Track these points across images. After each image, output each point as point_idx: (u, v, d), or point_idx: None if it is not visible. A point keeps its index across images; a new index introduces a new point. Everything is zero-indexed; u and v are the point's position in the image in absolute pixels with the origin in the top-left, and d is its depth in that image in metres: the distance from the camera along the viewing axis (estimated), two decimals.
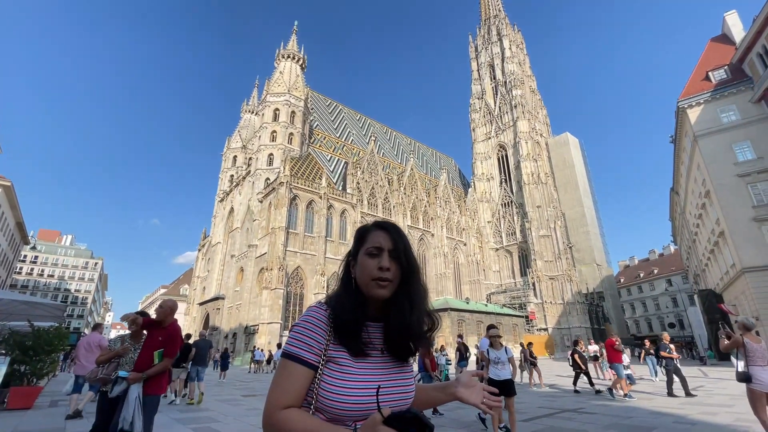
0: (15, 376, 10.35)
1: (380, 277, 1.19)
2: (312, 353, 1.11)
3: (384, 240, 1.25)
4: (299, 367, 1.10)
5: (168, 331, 4.45)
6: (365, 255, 1.24)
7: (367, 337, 1.19)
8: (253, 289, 45.62)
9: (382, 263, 1.20)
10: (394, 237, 1.27)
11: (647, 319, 77.02)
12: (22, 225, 49.83)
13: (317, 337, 1.14)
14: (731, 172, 28.10)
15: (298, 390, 1.08)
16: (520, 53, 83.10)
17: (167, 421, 8.19)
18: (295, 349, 1.12)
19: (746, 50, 29.37)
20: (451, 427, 7.72)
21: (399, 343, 1.21)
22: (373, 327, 1.23)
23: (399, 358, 1.23)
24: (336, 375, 1.11)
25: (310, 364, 1.10)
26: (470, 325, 50.38)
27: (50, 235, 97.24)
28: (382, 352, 1.20)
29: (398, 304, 1.23)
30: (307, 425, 1.02)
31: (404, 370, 1.24)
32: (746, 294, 26.48)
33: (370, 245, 1.25)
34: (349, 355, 1.14)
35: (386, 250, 1.23)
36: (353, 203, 52.98)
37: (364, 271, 1.22)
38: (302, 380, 1.09)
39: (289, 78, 58.81)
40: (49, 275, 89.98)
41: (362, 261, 1.24)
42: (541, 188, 67.12)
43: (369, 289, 1.21)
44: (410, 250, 1.30)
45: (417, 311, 1.25)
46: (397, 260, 1.24)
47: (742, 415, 8.46)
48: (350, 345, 1.15)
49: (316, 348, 1.12)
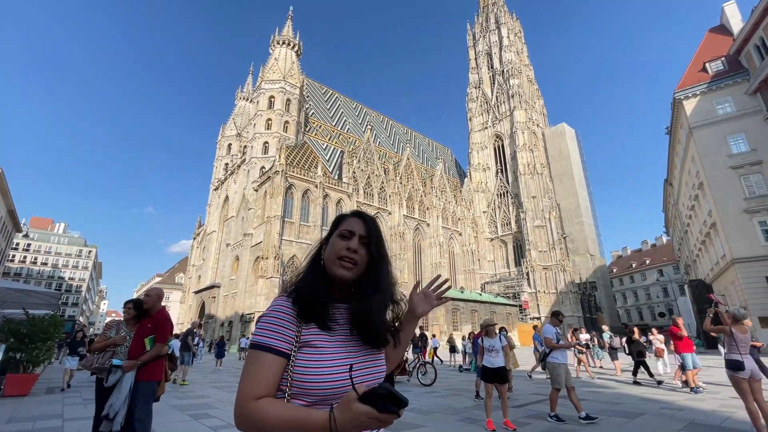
0: (11, 363, 10.38)
1: (346, 256, 1.22)
2: (281, 341, 1.11)
3: (357, 226, 1.29)
4: (269, 356, 1.08)
5: (156, 318, 4.50)
6: (337, 236, 1.28)
7: (334, 315, 1.21)
8: (248, 277, 45.67)
9: (350, 244, 1.24)
10: (368, 225, 1.31)
11: (638, 308, 78.31)
12: (13, 212, 49.22)
13: (286, 324, 1.13)
14: (725, 164, 28.29)
15: (270, 379, 1.07)
16: (518, 42, 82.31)
17: (164, 408, 8.27)
18: (264, 339, 1.11)
19: (744, 41, 29.29)
20: (441, 413, 7.88)
21: (362, 326, 1.22)
22: (341, 308, 1.26)
23: (367, 343, 1.23)
24: (310, 357, 1.11)
25: (281, 352, 1.09)
26: (464, 314, 51.02)
27: (43, 223, 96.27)
28: (351, 332, 1.22)
29: (362, 289, 1.26)
30: (282, 410, 1.01)
31: (373, 352, 1.25)
32: (735, 284, 26.97)
33: (344, 228, 1.29)
34: (322, 334, 1.15)
35: (357, 234, 1.27)
36: (349, 192, 52.84)
37: (332, 250, 1.26)
38: (274, 369, 1.08)
39: (284, 65, 57.93)
40: (43, 263, 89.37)
41: (333, 241, 1.28)
42: (537, 179, 67.29)
43: (332, 267, 1.23)
44: (382, 242, 1.33)
45: (380, 298, 1.27)
46: (366, 246, 1.28)
47: (727, 401, 8.71)
48: (318, 319, 1.16)
49: (287, 336, 1.12)
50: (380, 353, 1.29)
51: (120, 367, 4.23)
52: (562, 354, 7.39)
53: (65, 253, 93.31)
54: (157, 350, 4.36)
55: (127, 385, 4.11)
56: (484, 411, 6.93)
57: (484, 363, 7.21)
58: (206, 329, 48.70)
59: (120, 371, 4.21)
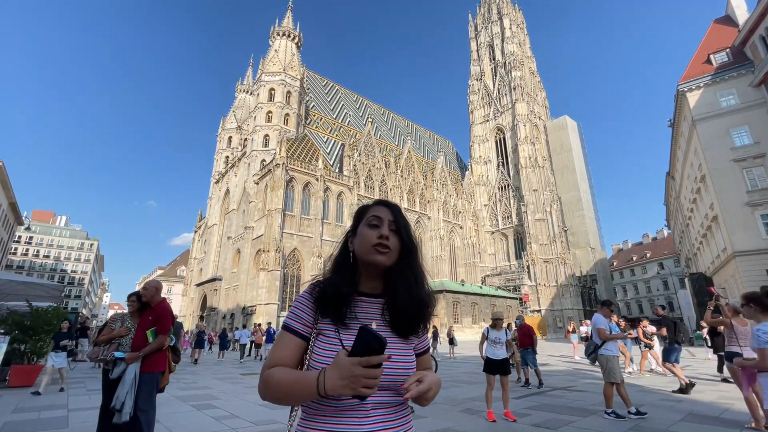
0: (15, 354, 10.49)
1: (380, 243, 1.22)
2: (300, 324, 1.21)
3: (384, 213, 1.29)
4: (289, 336, 1.20)
5: (157, 310, 4.53)
6: (365, 226, 1.27)
7: (355, 311, 1.22)
8: (250, 270, 45.86)
9: (382, 231, 1.23)
10: (394, 212, 1.31)
11: (638, 301, 78.58)
12: (15, 205, 49.31)
13: (306, 310, 1.23)
14: (727, 156, 28.13)
15: (286, 353, 1.18)
16: (520, 33, 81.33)
17: (168, 399, 8.36)
18: (288, 321, 1.23)
19: (749, 33, 28.91)
20: (442, 404, 7.95)
21: (404, 316, 1.24)
22: (367, 302, 1.26)
23: (400, 334, 1.25)
24: (323, 346, 1.17)
25: (299, 333, 1.20)
26: (465, 307, 51.20)
27: (44, 216, 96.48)
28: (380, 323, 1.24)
29: (404, 277, 1.26)
30: (285, 373, 1.11)
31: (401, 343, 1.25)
32: (735, 278, 26.99)
33: (371, 215, 1.28)
34: (336, 328, 1.19)
35: (386, 221, 1.27)
36: (350, 186, 52.76)
37: (363, 240, 1.24)
38: (292, 346, 1.19)
39: (285, 57, 57.44)
40: (45, 256, 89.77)
41: (362, 231, 1.27)
42: (538, 172, 67.04)
43: (369, 255, 1.22)
44: (410, 228, 1.33)
45: (422, 286, 1.29)
46: (397, 233, 1.27)
47: (725, 393, 8.77)
48: (333, 316, 1.21)
49: (305, 320, 1.22)
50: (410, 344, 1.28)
51: (123, 359, 4.28)
52: (615, 345, 7.15)
53: (67, 246, 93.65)
54: (159, 342, 4.40)
55: (131, 376, 4.17)
56: (485, 402, 6.99)
57: (488, 354, 7.28)
58: (208, 322, 49.06)
59: (124, 363, 4.26)
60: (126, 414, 3.98)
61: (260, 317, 39.93)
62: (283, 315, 40.75)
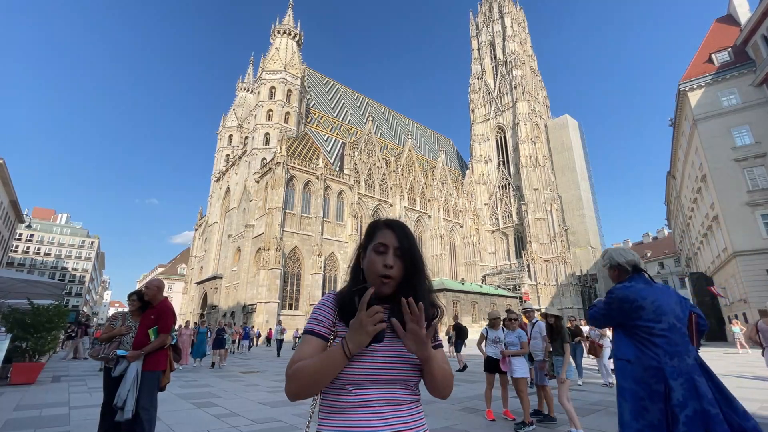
0: (17, 352, 10.51)
1: (384, 274, 1.32)
2: (321, 326, 1.32)
3: (390, 238, 1.37)
4: (311, 337, 1.30)
5: (158, 309, 4.55)
6: (372, 251, 1.37)
7: None
8: (250, 268, 45.91)
9: (386, 261, 1.33)
10: (399, 235, 1.38)
11: None
12: (16, 203, 49.36)
13: (326, 314, 1.34)
14: (728, 156, 28.11)
15: (309, 352, 1.26)
16: (521, 32, 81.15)
17: (169, 397, 8.40)
18: (309, 325, 1.33)
19: (751, 32, 28.85)
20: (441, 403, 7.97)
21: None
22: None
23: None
24: None
25: (320, 335, 1.30)
26: (465, 306, 51.25)
27: (45, 214, 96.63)
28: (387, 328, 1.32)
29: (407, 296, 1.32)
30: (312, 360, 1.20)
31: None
32: (736, 277, 27.00)
33: (377, 242, 1.37)
34: None
35: (391, 248, 1.35)
36: (350, 184, 52.75)
37: (371, 268, 1.36)
38: (314, 346, 1.28)
39: (285, 55, 57.37)
40: (46, 253, 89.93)
41: (370, 256, 1.38)
42: (539, 171, 66.99)
43: (374, 285, 1.32)
44: (415, 249, 1.39)
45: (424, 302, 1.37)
46: (401, 258, 1.36)
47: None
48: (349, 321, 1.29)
49: (325, 323, 1.33)
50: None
51: (125, 357, 4.31)
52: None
53: (68, 244, 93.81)
54: (161, 341, 4.43)
55: (133, 374, 4.20)
56: (484, 401, 7.01)
57: (488, 353, 7.30)
58: (209, 320, 49.17)
59: (126, 361, 4.29)
60: (128, 412, 4.02)
61: (260, 315, 40.04)
62: (283, 313, 41.00)
